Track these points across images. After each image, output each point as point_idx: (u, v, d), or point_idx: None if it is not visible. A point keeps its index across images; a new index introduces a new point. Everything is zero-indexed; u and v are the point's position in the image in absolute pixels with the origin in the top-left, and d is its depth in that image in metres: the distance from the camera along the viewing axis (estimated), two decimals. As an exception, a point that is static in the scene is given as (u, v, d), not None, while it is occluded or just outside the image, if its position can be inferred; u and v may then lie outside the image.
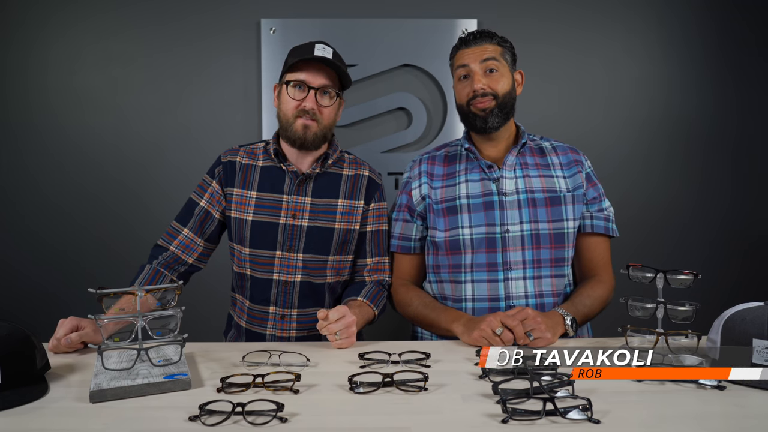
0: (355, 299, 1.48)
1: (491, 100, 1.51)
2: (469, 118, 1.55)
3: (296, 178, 1.54)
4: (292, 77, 1.49)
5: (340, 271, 1.59)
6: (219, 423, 0.89)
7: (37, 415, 0.94)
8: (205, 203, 1.57)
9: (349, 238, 1.57)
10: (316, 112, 1.49)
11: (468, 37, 1.55)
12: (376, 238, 1.61)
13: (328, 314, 1.29)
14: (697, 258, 2.45)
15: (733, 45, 2.44)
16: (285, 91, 1.50)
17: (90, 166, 2.39)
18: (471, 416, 0.92)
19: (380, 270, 1.61)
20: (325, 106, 1.51)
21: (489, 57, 1.51)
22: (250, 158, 1.59)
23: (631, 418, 0.91)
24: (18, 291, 2.40)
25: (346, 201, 1.57)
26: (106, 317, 1.10)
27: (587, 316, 1.48)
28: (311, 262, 1.54)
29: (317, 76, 1.48)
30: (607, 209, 1.59)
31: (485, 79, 1.51)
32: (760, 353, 1.03)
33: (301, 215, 1.53)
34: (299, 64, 1.48)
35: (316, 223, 1.54)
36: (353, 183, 1.59)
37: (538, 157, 1.60)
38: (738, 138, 2.47)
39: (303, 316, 1.55)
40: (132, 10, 2.37)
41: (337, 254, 1.56)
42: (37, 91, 2.38)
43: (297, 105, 1.48)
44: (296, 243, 1.53)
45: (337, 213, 1.56)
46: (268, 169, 1.57)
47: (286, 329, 1.55)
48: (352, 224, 1.57)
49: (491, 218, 1.52)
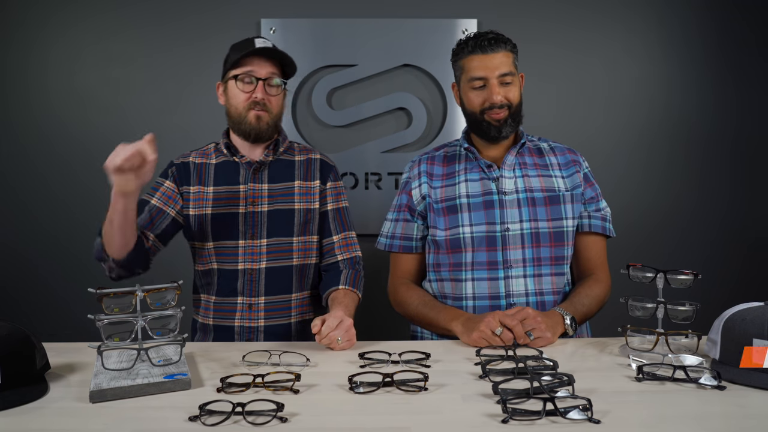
0: (337, 288, 1.52)
1: (506, 111, 1.52)
2: (483, 126, 1.54)
3: (250, 167, 1.58)
4: (238, 71, 1.52)
5: (307, 252, 1.61)
6: (219, 423, 0.89)
7: (37, 415, 0.94)
8: (157, 201, 1.57)
9: (310, 217, 1.60)
10: (267, 102, 1.53)
11: (483, 42, 1.50)
12: (338, 216, 1.65)
13: (323, 324, 1.29)
14: (698, 258, 2.45)
15: (733, 45, 2.44)
16: (233, 85, 1.53)
17: (91, 166, 2.38)
18: (471, 416, 0.92)
19: (350, 245, 1.64)
20: (274, 96, 1.55)
21: (507, 72, 1.50)
22: (203, 158, 1.63)
23: (631, 418, 0.91)
24: (18, 290, 2.40)
25: (302, 182, 1.61)
26: (106, 317, 1.10)
27: (586, 316, 1.48)
28: (276, 245, 1.56)
29: (262, 67, 1.52)
30: (604, 209, 1.59)
31: (502, 89, 1.51)
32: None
33: (260, 201, 1.56)
34: (242, 60, 1.51)
35: (276, 206, 1.57)
36: (306, 166, 1.64)
37: (537, 157, 1.60)
38: (738, 138, 2.47)
39: (270, 303, 1.57)
40: (132, 10, 2.37)
41: (300, 235, 1.59)
42: (37, 91, 2.38)
43: (247, 97, 1.52)
44: (258, 230, 1.56)
45: (295, 194, 1.59)
46: (222, 164, 1.61)
47: (254, 318, 1.56)
48: (311, 203, 1.61)
49: (491, 217, 1.52)
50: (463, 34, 2.36)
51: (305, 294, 1.62)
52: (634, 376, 1.10)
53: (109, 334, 1.10)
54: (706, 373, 1.06)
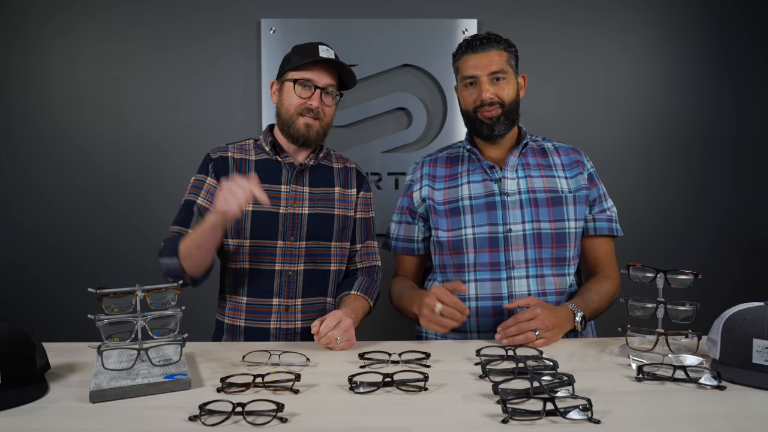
0: (348, 293, 1.53)
1: (498, 109, 1.51)
2: (476, 124, 1.55)
3: (293, 169, 1.58)
4: (298, 75, 1.52)
5: (342, 258, 1.62)
6: (219, 423, 0.89)
7: (37, 415, 0.94)
8: (202, 200, 1.55)
9: (347, 224, 1.62)
10: (320, 111, 1.53)
11: (474, 42, 1.52)
12: (364, 225, 1.66)
13: (322, 324, 1.30)
14: (698, 258, 2.45)
15: (733, 45, 2.44)
16: (290, 88, 1.53)
17: (91, 167, 2.40)
18: (471, 416, 0.92)
19: (370, 254, 1.66)
20: (328, 106, 1.56)
21: (497, 69, 1.50)
22: (242, 153, 1.61)
23: (631, 418, 0.91)
24: (18, 290, 2.40)
25: (342, 189, 1.63)
26: (106, 317, 1.10)
27: (596, 312, 1.49)
28: (315, 248, 1.56)
29: (322, 76, 1.53)
30: (609, 209, 1.59)
31: (492, 87, 1.51)
32: (761, 353, 1.03)
33: (301, 204, 1.56)
34: (305, 65, 1.51)
35: (316, 210, 1.57)
36: (346, 174, 1.66)
37: (540, 157, 1.60)
38: (738, 137, 2.47)
39: (308, 305, 1.56)
40: (132, 10, 2.37)
41: (338, 240, 1.60)
42: (37, 91, 2.38)
43: (302, 102, 1.52)
44: (298, 231, 1.55)
45: (335, 200, 1.60)
46: (263, 162, 1.59)
47: (291, 320, 1.55)
48: (348, 211, 1.62)
49: (493, 218, 1.53)
50: (463, 34, 2.36)
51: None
52: (634, 376, 1.10)
53: (109, 334, 1.10)
54: (706, 373, 1.06)
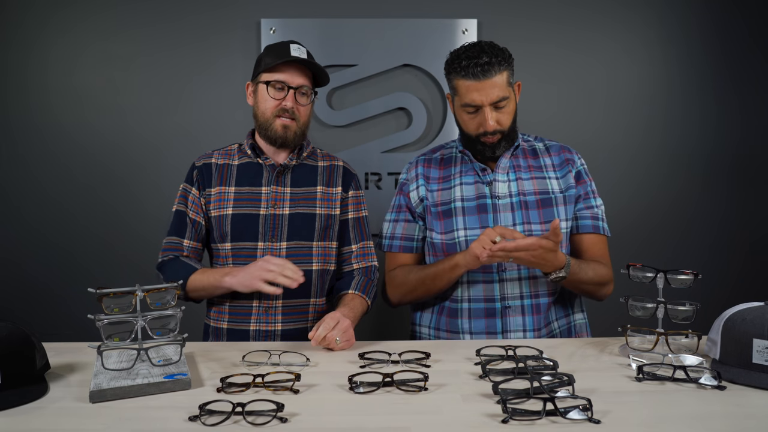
0: (346, 293, 1.53)
1: (499, 135, 1.51)
2: (477, 148, 1.54)
3: (274, 170, 1.58)
4: (270, 77, 1.53)
5: (327, 258, 1.60)
6: (219, 423, 0.89)
7: (37, 415, 0.94)
8: (192, 213, 1.59)
9: (330, 223, 1.60)
10: (295, 111, 1.54)
11: (475, 70, 1.43)
12: (358, 225, 1.65)
13: (320, 326, 1.30)
14: (698, 258, 2.45)
15: (733, 45, 2.44)
16: (264, 90, 1.54)
17: (91, 166, 2.39)
18: (471, 416, 0.92)
19: (366, 254, 1.65)
20: (303, 105, 1.56)
21: (501, 97, 1.46)
22: (226, 158, 1.63)
23: (631, 418, 0.91)
24: (18, 289, 2.40)
25: (325, 188, 1.62)
26: (106, 317, 1.10)
27: (580, 282, 1.47)
28: (296, 248, 1.56)
29: (295, 76, 1.53)
30: (596, 207, 1.58)
31: (495, 114, 1.48)
32: (760, 353, 1.03)
33: (282, 204, 1.56)
34: (277, 66, 1.52)
35: (297, 210, 1.57)
36: (329, 172, 1.65)
37: (531, 159, 1.60)
38: (738, 138, 2.46)
39: (289, 307, 1.55)
40: (132, 10, 2.37)
41: (320, 240, 1.59)
42: (37, 91, 2.38)
43: (276, 104, 1.53)
44: (278, 232, 1.55)
45: (317, 199, 1.60)
46: (245, 165, 1.61)
47: (270, 322, 1.54)
48: (332, 210, 1.61)
49: (485, 221, 1.53)
50: (463, 34, 2.36)
51: (323, 300, 1.62)
52: (634, 376, 1.10)
53: (109, 334, 1.10)
54: (706, 373, 1.06)
